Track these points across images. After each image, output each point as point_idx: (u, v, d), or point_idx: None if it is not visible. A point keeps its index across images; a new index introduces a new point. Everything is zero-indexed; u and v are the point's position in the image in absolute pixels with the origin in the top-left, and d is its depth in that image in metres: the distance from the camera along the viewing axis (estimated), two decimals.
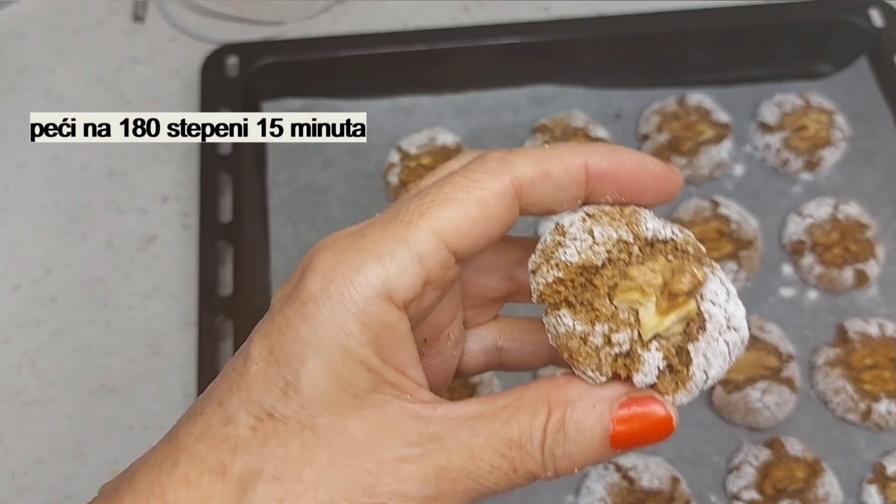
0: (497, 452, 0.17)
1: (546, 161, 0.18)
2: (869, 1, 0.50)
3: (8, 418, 0.42)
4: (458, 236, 0.17)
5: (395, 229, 0.17)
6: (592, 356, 0.18)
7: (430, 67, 0.49)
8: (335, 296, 0.16)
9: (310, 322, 0.16)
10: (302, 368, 0.16)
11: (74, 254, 0.47)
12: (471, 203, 0.17)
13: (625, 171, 0.18)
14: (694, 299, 0.18)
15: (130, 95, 0.52)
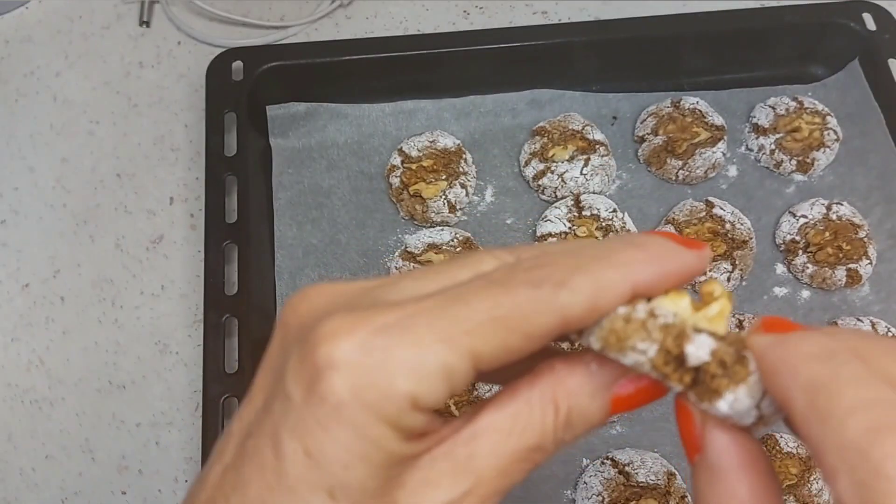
0: (520, 460, 0.18)
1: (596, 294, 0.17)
2: (861, 4, 0.51)
3: (17, 416, 0.43)
4: (490, 362, 0.17)
5: (430, 335, 0.16)
6: (639, 329, 0.17)
7: (430, 71, 0.50)
8: (371, 406, 0.16)
9: (346, 429, 0.16)
10: (348, 472, 0.16)
11: (83, 254, 0.47)
12: (514, 337, 0.17)
13: (668, 277, 0.18)
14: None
15: (137, 99, 0.53)
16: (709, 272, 0.44)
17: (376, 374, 0.16)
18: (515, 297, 0.16)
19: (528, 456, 0.18)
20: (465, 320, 0.16)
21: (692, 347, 0.17)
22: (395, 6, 0.56)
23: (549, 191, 0.47)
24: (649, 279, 0.17)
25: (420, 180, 0.47)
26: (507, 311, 0.16)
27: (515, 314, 0.16)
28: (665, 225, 0.46)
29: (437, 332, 0.16)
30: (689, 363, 0.17)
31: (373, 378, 0.16)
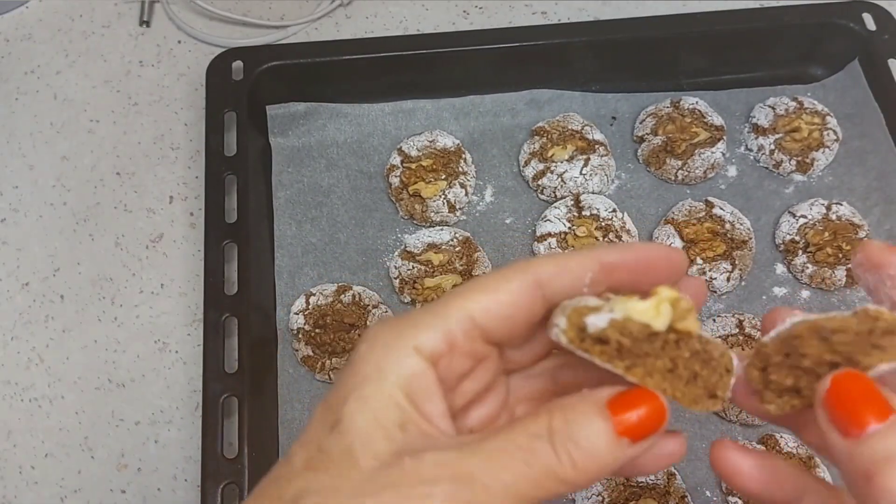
0: (507, 454, 0.19)
1: (562, 258, 0.21)
2: (861, 4, 0.51)
3: (17, 413, 0.43)
4: (483, 313, 0.20)
5: (433, 307, 0.21)
6: (560, 308, 0.20)
7: (430, 71, 0.50)
8: (378, 352, 0.20)
9: (355, 373, 0.20)
10: (345, 407, 0.19)
11: (83, 252, 0.47)
12: (500, 290, 0.20)
13: (633, 260, 0.21)
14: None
15: (137, 98, 0.53)
16: (708, 272, 0.44)
17: (387, 333, 0.20)
18: (501, 270, 0.21)
19: (516, 448, 0.19)
20: (463, 289, 0.20)
21: (592, 318, 0.19)
22: (395, 6, 0.56)
23: (549, 191, 0.47)
24: (614, 259, 0.21)
25: (419, 180, 0.47)
26: (495, 277, 0.21)
27: (498, 276, 0.20)
28: (664, 225, 0.46)
29: (441, 302, 0.20)
30: (588, 331, 0.19)
31: (384, 335, 0.20)
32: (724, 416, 0.41)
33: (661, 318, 0.19)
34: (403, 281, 0.44)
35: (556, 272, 0.21)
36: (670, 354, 0.20)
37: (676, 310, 0.20)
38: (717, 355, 0.20)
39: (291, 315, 0.43)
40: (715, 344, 0.20)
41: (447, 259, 0.45)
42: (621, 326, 0.19)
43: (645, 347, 0.19)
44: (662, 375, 0.20)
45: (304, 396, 0.42)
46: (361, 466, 0.18)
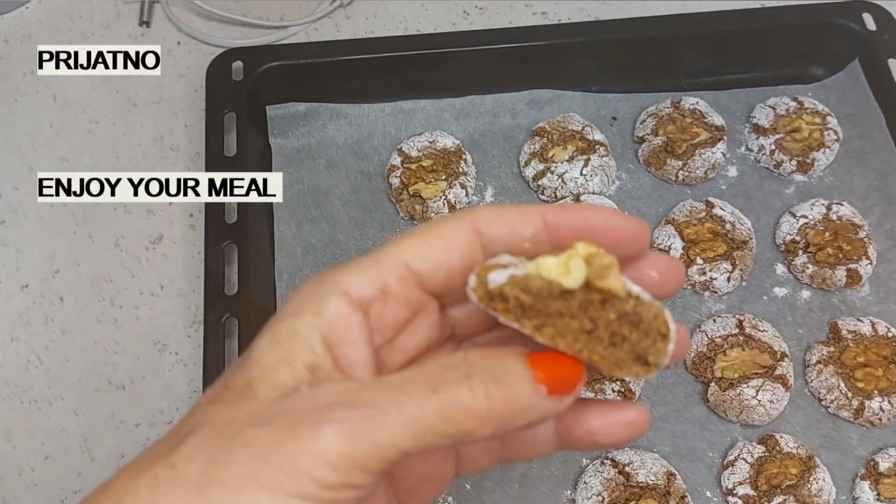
0: (414, 383, 0.17)
1: (503, 207, 0.20)
2: (861, 4, 0.51)
3: (16, 415, 0.43)
4: (417, 258, 0.19)
5: (368, 255, 0.20)
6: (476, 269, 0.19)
7: (430, 71, 0.50)
8: (302, 293, 0.19)
9: (278, 315, 0.19)
10: (256, 343, 0.19)
11: (82, 253, 0.47)
12: (432, 234, 0.19)
13: (578, 221, 0.19)
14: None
15: (137, 98, 0.53)
16: (709, 272, 0.44)
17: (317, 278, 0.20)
18: (437, 218, 0.20)
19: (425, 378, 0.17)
20: (398, 237, 0.20)
21: (493, 274, 0.18)
22: (395, 6, 0.56)
23: (549, 191, 0.47)
24: (558, 216, 0.19)
25: (420, 180, 0.47)
26: (429, 224, 0.20)
27: (432, 223, 0.20)
28: (665, 225, 0.46)
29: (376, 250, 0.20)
30: (489, 286, 0.18)
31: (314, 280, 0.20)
32: (723, 416, 0.41)
33: (572, 276, 0.18)
34: None
35: (494, 219, 0.19)
36: (591, 315, 0.18)
37: (592, 266, 0.18)
38: (650, 317, 0.18)
39: None
40: (649, 305, 0.19)
41: None
42: (523, 283, 0.18)
43: (557, 306, 0.18)
44: (576, 336, 0.18)
45: None
46: (258, 397, 0.18)
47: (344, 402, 0.17)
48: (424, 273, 0.19)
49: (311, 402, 0.17)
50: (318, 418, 0.17)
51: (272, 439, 0.17)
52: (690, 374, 0.43)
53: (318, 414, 0.17)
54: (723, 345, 0.42)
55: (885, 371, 0.42)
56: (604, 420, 0.20)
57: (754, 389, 0.41)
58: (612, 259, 0.18)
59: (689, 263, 0.45)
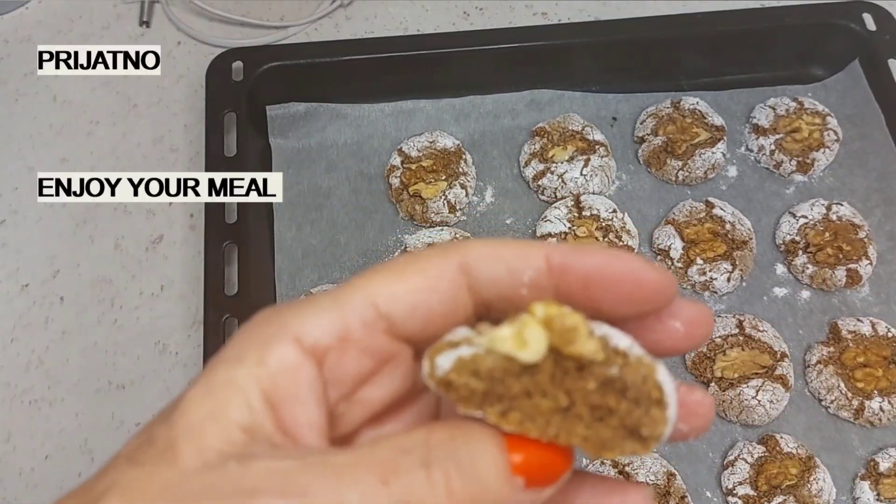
0: (361, 468, 0.14)
1: (500, 243, 0.16)
2: (861, 5, 0.51)
3: (16, 416, 0.43)
4: (390, 297, 0.16)
5: (333, 291, 0.16)
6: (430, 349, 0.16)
7: (430, 72, 0.50)
8: (248, 333, 0.16)
9: (218, 356, 0.16)
10: (187, 392, 0.15)
11: (82, 254, 0.47)
12: (410, 270, 0.16)
13: (591, 267, 0.16)
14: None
15: (137, 99, 0.53)
16: (709, 272, 0.44)
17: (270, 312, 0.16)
18: (419, 251, 0.16)
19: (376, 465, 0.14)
20: (369, 271, 0.16)
21: (440, 358, 0.15)
22: (395, 6, 0.56)
23: (549, 191, 0.47)
24: (566, 258, 0.16)
25: (420, 181, 0.47)
26: (407, 258, 0.16)
27: (412, 257, 0.16)
28: (665, 226, 0.46)
29: (343, 285, 0.16)
30: (436, 373, 0.16)
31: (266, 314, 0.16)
32: (723, 416, 0.41)
33: (531, 347, 0.15)
34: None
35: (486, 257, 0.16)
36: (567, 388, 0.15)
37: (554, 331, 0.15)
38: (638, 381, 0.15)
39: None
40: (637, 364, 0.15)
41: None
42: (472, 365, 0.15)
43: (522, 385, 0.15)
44: (549, 419, 0.15)
45: None
46: (179, 464, 0.15)
47: (273, 488, 0.14)
48: (396, 317, 0.16)
49: (236, 483, 0.14)
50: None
51: None
52: (690, 373, 0.43)
53: (242, 499, 0.14)
54: (723, 345, 0.42)
55: (885, 371, 0.42)
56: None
57: (754, 390, 0.41)
58: (577, 318, 0.15)
59: (688, 263, 0.45)
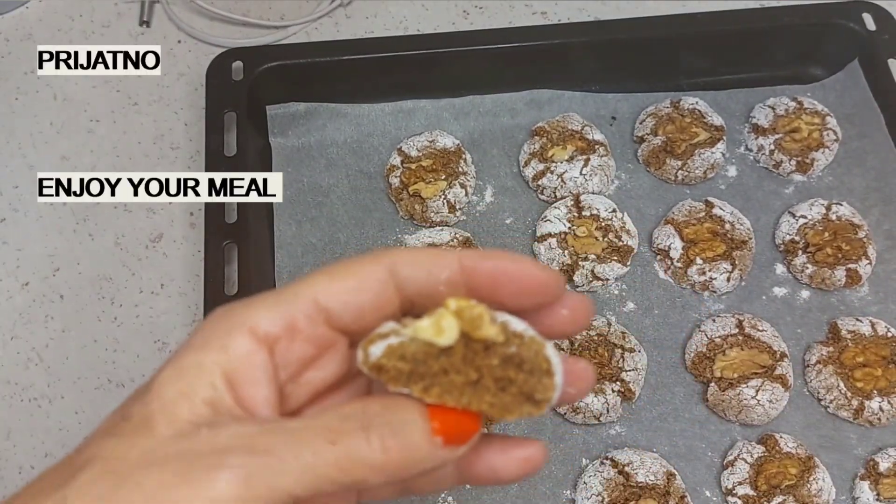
0: (312, 431, 0.18)
1: (421, 251, 0.20)
2: (861, 5, 0.51)
3: (16, 413, 0.43)
4: (329, 296, 0.19)
5: (279, 290, 0.20)
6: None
7: (430, 71, 0.50)
8: (209, 326, 0.19)
9: (184, 345, 0.19)
10: (158, 375, 0.19)
11: (82, 252, 0.47)
12: (346, 272, 0.20)
13: (494, 267, 0.20)
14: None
15: (137, 97, 0.53)
16: (708, 272, 0.44)
17: (224, 309, 0.19)
18: (354, 256, 0.20)
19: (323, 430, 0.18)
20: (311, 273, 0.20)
21: (372, 348, 0.19)
22: (395, 6, 0.56)
23: (549, 191, 0.47)
24: (474, 262, 0.20)
25: (419, 180, 0.47)
26: (344, 262, 0.20)
27: (347, 261, 0.20)
28: (664, 225, 0.46)
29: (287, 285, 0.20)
30: (370, 360, 0.19)
31: (221, 311, 0.19)
32: (723, 416, 0.41)
33: (446, 333, 0.19)
34: None
35: (410, 261, 0.20)
36: (476, 365, 0.19)
37: (464, 319, 0.19)
38: (531, 356, 0.19)
39: None
40: (530, 342, 0.19)
41: None
42: (399, 351, 0.19)
43: (440, 364, 0.19)
44: (462, 391, 0.19)
45: None
46: (155, 434, 0.17)
47: (241, 446, 0.17)
48: (334, 311, 0.19)
49: (209, 444, 0.17)
50: (213, 463, 0.17)
51: (165, 481, 0.17)
52: (690, 373, 0.43)
53: (215, 458, 0.17)
54: (722, 345, 0.42)
55: (884, 371, 0.42)
56: (505, 456, 0.20)
57: (754, 389, 0.41)
58: (481, 309, 0.19)
59: (688, 263, 0.45)
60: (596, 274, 0.44)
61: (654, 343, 0.43)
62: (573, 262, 0.45)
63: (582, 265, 0.44)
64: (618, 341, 0.42)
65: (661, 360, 0.43)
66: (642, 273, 0.46)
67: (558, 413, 0.41)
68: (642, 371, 0.42)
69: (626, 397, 0.41)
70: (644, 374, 0.42)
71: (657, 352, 0.43)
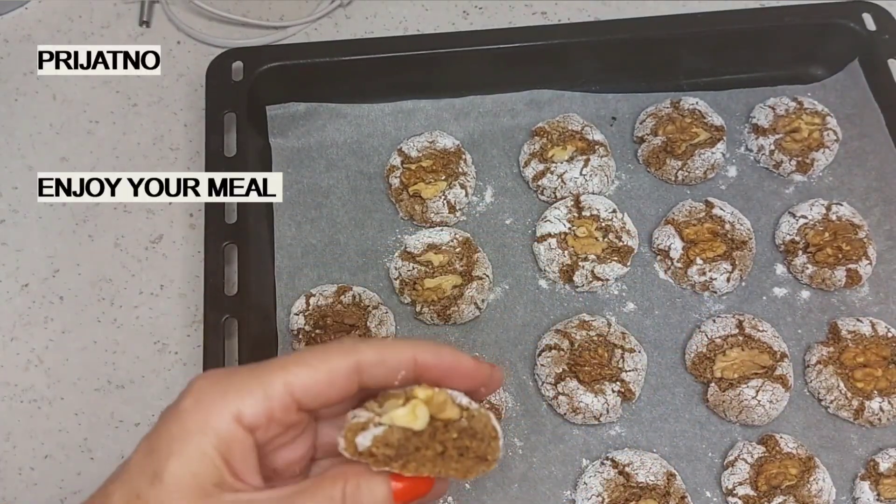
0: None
1: (385, 352, 0.24)
2: (861, 5, 0.51)
3: (16, 415, 0.43)
4: (303, 390, 0.23)
5: (260, 373, 0.23)
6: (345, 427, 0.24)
7: (430, 71, 0.50)
8: (203, 411, 0.22)
9: (180, 426, 0.22)
10: (168, 461, 0.22)
11: (82, 253, 0.47)
12: (321, 370, 0.23)
13: (443, 364, 0.25)
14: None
15: (137, 98, 0.53)
16: (708, 272, 0.44)
17: (214, 392, 0.23)
18: (328, 347, 0.24)
19: None
20: (291, 361, 0.23)
21: (359, 438, 0.23)
22: (394, 6, 0.56)
23: (549, 191, 0.47)
24: (428, 359, 0.24)
25: (419, 180, 0.47)
26: (320, 356, 0.23)
27: (323, 356, 0.23)
28: (665, 225, 0.46)
29: (268, 369, 0.23)
30: (358, 449, 0.23)
31: (211, 393, 0.23)
32: (723, 416, 0.41)
33: (419, 419, 0.23)
34: (403, 282, 0.44)
35: (375, 363, 0.24)
36: (440, 439, 0.23)
37: (433, 405, 0.23)
38: (482, 427, 0.24)
39: (291, 316, 0.43)
40: (479, 417, 0.24)
41: (447, 260, 0.45)
42: (384, 440, 0.23)
43: (413, 443, 0.23)
44: (433, 462, 0.23)
45: None
46: None
47: None
48: (305, 401, 0.24)
49: None
50: None
51: None
52: (690, 374, 0.43)
53: None
54: (722, 345, 0.42)
55: (884, 371, 0.42)
56: None
57: (754, 390, 0.41)
58: (445, 395, 0.24)
59: (688, 264, 0.45)
60: (596, 274, 0.44)
61: (654, 343, 0.43)
62: (573, 263, 0.45)
63: (582, 265, 0.44)
64: (618, 342, 0.42)
65: (661, 361, 0.43)
66: (642, 273, 0.46)
67: (558, 414, 0.41)
68: (642, 371, 0.42)
69: (627, 398, 0.41)
70: (644, 375, 0.42)
71: (657, 352, 0.43)
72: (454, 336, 0.44)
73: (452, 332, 0.44)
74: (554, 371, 0.41)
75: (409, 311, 0.44)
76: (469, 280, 0.44)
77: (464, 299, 0.43)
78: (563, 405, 0.41)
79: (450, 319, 0.43)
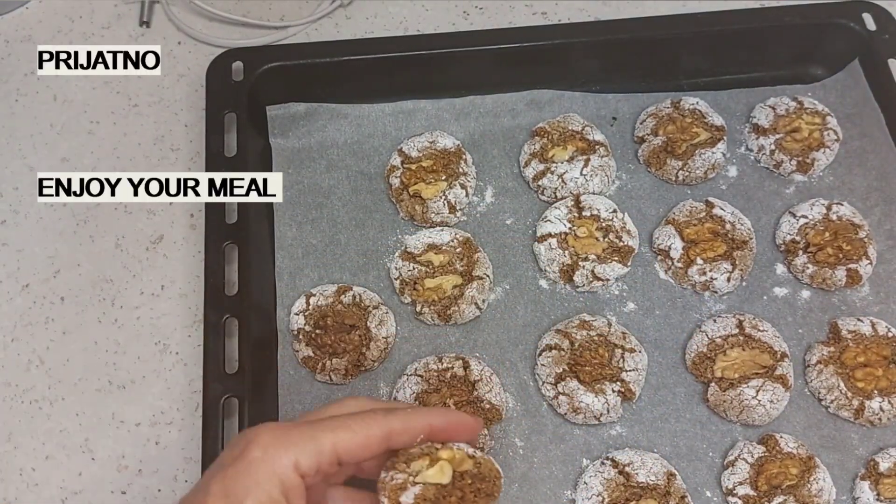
0: None
1: (409, 422, 0.30)
2: (861, 4, 0.51)
3: (17, 416, 0.43)
4: (345, 450, 0.29)
5: (313, 433, 0.29)
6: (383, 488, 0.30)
7: (430, 71, 0.50)
8: (269, 461, 0.28)
9: (252, 475, 0.28)
10: (245, 502, 0.27)
11: (83, 254, 0.47)
12: (360, 434, 0.29)
13: (450, 426, 0.31)
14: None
15: (137, 99, 0.53)
16: (709, 272, 0.44)
17: (278, 446, 0.28)
18: (369, 417, 0.30)
19: None
20: (340, 426, 0.29)
21: (404, 497, 0.29)
22: (395, 6, 0.56)
23: (549, 191, 0.47)
24: (439, 423, 0.31)
25: (420, 181, 0.47)
26: (362, 423, 0.29)
27: (365, 424, 0.30)
28: (665, 225, 0.46)
29: (321, 429, 0.29)
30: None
31: (276, 447, 0.28)
32: (724, 416, 0.41)
33: (446, 475, 0.30)
34: (404, 282, 0.44)
35: (402, 431, 0.30)
36: (458, 486, 0.30)
37: (454, 462, 0.30)
38: (488, 471, 0.31)
39: (292, 315, 0.43)
40: (485, 463, 0.31)
41: (447, 260, 0.45)
42: (423, 495, 0.29)
43: (442, 493, 0.29)
44: None
45: (305, 397, 0.42)
46: None
47: None
48: (345, 458, 0.29)
49: None
50: None
51: None
52: (691, 374, 0.43)
53: None
54: (723, 345, 0.42)
55: (885, 371, 0.42)
56: None
57: (754, 389, 0.41)
58: (463, 453, 0.30)
59: (689, 263, 0.45)
60: (596, 274, 0.44)
61: (654, 343, 0.43)
62: (573, 263, 0.45)
63: (582, 265, 0.44)
64: (618, 341, 0.42)
65: (661, 361, 0.43)
66: (643, 273, 0.46)
67: (559, 413, 0.41)
68: (643, 371, 0.42)
69: (627, 397, 0.41)
70: (644, 375, 0.42)
71: (658, 352, 0.43)
72: (455, 336, 0.44)
73: (453, 332, 0.44)
74: (554, 371, 0.41)
75: (410, 311, 0.44)
76: (469, 280, 0.44)
77: (464, 299, 0.43)
78: (563, 405, 0.41)
79: (450, 319, 0.43)
